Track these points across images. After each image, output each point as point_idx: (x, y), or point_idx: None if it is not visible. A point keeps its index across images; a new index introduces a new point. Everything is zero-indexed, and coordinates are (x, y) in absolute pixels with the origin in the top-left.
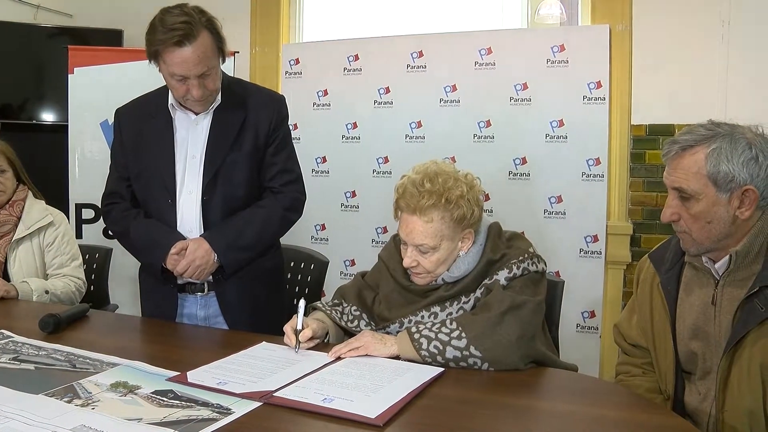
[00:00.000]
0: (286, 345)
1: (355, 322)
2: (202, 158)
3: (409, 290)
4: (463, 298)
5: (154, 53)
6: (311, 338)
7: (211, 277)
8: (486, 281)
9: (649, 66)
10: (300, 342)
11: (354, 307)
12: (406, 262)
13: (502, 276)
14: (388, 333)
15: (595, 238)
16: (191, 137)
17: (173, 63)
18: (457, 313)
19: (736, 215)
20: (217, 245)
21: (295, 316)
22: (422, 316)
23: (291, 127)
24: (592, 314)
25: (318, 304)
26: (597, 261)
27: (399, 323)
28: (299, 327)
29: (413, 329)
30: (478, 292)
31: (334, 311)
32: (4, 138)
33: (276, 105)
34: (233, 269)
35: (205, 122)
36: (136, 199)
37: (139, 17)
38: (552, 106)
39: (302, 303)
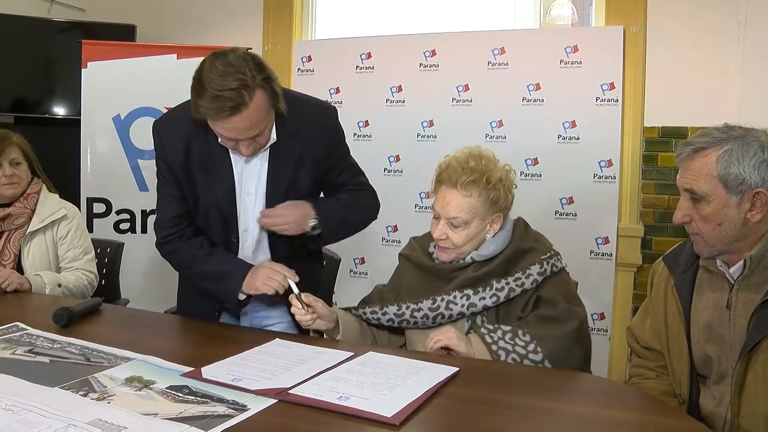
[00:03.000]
0: (298, 313)
1: (378, 314)
2: (258, 196)
3: (433, 272)
4: (495, 284)
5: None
6: (313, 312)
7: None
8: (519, 274)
9: (662, 68)
10: (306, 305)
11: (377, 306)
12: (436, 234)
13: (534, 271)
14: (420, 309)
15: (606, 240)
16: (245, 173)
17: (222, 128)
18: (490, 299)
19: (747, 218)
20: (321, 210)
21: (289, 288)
22: (454, 296)
23: None
24: (602, 316)
25: (336, 308)
26: (607, 263)
27: (431, 300)
28: (296, 291)
29: (488, 339)
30: (513, 284)
31: (352, 309)
32: (17, 131)
33: (330, 123)
34: (329, 240)
35: (257, 159)
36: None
37: (152, 12)
38: (564, 106)
39: (291, 280)
